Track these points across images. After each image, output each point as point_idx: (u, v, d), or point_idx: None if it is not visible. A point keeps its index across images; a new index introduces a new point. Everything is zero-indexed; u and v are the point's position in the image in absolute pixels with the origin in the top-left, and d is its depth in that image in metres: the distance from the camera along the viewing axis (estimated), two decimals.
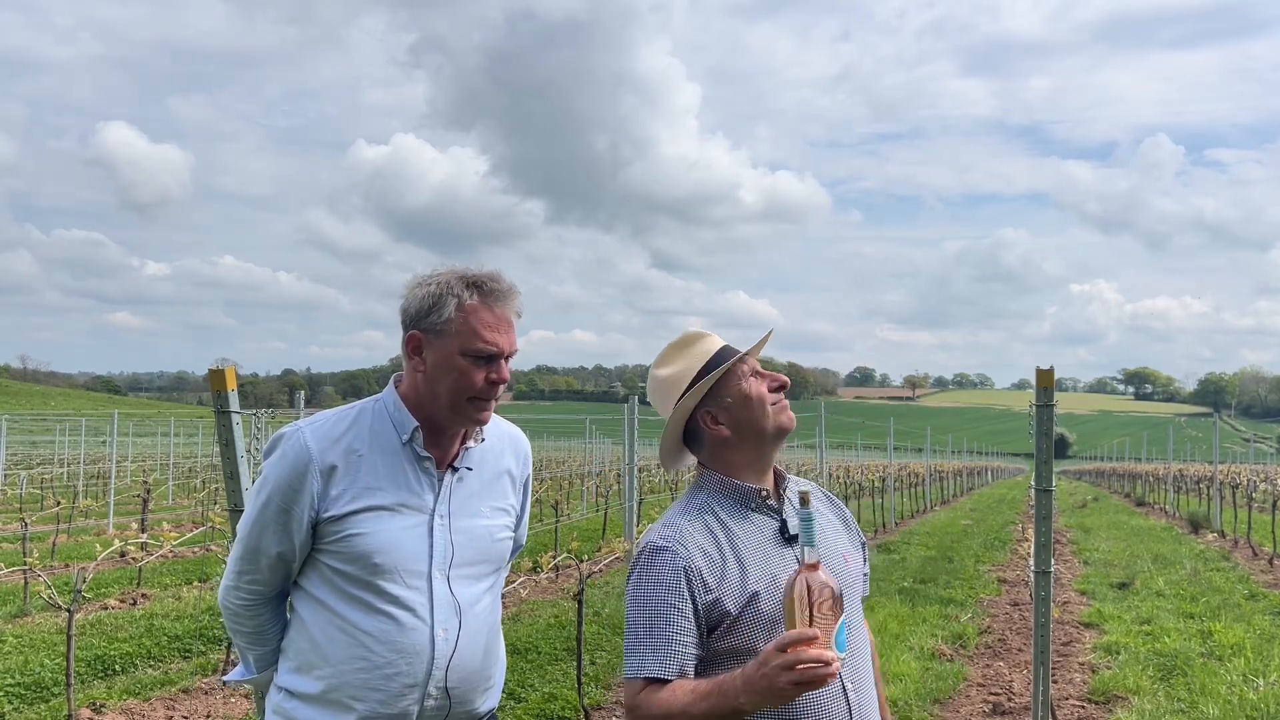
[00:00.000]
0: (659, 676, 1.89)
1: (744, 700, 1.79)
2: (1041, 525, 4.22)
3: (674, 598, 1.91)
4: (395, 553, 2.10)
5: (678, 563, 1.93)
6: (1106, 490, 40.16)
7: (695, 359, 2.08)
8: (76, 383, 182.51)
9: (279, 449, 2.15)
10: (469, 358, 2.11)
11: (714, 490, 2.05)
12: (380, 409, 2.21)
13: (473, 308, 2.11)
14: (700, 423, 2.05)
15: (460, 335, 2.10)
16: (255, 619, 2.23)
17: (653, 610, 1.92)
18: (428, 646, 2.11)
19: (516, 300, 2.17)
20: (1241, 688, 6.76)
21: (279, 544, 2.13)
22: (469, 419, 2.17)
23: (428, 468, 2.18)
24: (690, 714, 1.85)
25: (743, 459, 2.05)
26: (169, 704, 6.26)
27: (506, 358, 2.16)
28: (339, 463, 2.12)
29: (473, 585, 2.21)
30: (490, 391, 2.15)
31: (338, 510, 2.10)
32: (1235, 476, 23.88)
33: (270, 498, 2.12)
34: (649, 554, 1.96)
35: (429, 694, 2.13)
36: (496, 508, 2.29)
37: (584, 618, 6.02)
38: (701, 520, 2.00)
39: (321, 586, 2.15)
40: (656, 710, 1.88)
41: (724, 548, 1.97)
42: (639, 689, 1.91)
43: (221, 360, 3.22)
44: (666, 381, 2.09)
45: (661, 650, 1.90)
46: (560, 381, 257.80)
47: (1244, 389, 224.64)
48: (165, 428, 39.31)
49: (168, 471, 27.25)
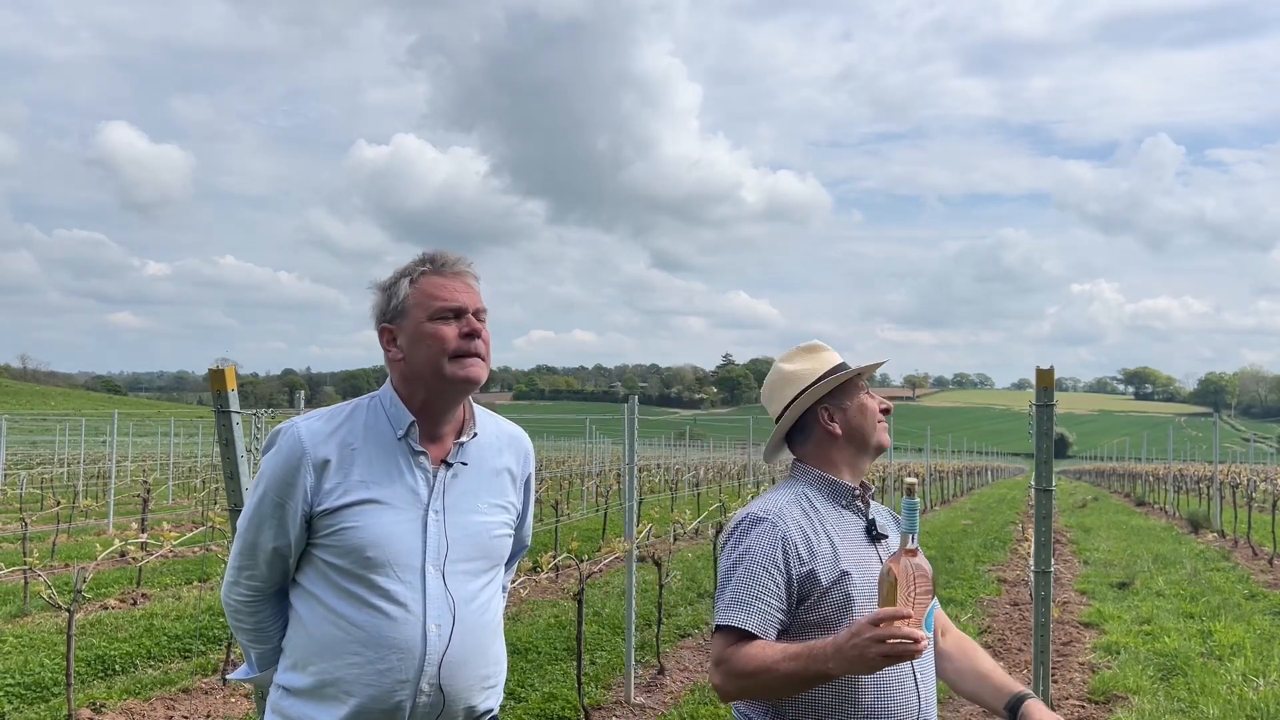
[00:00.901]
0: (749, 630, 2.03)
1: (832, 665, 1.93)
2: (1041, 525, 4.22)
3: (769, 564, 2.08)
4: (388, 546, 2.11)
5: (776, 532, 2.11)
6: (1106, 490, 40.19)
7: (821, 363, 2.29)
8: (76, 383, 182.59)
9: (275, 444, 2.17)
10: (435, 320, 2.16)
11: (810, 482, 2.26)
12: (376, 404, 2.23)
13: (425, 278, 2.19)
14: (818, 417, 2.26)
15: (419, 305, 2.17)
16: (255, 616, 2.24)
17: (749, 571, 2.08)
18: (419, 642, 2.11)
19: (468, 265, 2.24)
20: (1241, 688, 6.76)
21: (275, 539, 2.15)
22: (457, 379, 2.17)
23: (422, 462, 2.19)
24: (777, 671, 1.98)
25: (844, 459, 2.26)
26: (169, 704, 6.26)
27: (475, 314, 2.19)
28: (332, 457, 2.13)
29: (469, 581, 2.20)
30: (468, 345, 2.17)
31: (331, 504, 2.11)
32: (1235, 476, 23.89)
33: (266, 492, 2.14)
34: (749, 522, 2.14)
35: (421, 689, 2.12)
36: (494, 504, 2.29)
37: (584, 618, 6.02)
38: (797, 503, 2.19)
39: (316, 581, 2.16)
40: (746, 663, 2.02)
41: (818, 527, 2.16)
42: (730, 641, 2.05)
43: (221, 360, 3.23)
44: (792, 375, 2.30)
45: (753, 608, 2.05)
46: (560, 381, 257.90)
47: (1244, 389, 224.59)
48: (165, 428, 39.32)
49: (168, 471, 27.25)
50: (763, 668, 2.00)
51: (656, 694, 6.72)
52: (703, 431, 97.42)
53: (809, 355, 2.32)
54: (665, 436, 64.00)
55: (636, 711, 6.33)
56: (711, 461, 38.62)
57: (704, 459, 41.43)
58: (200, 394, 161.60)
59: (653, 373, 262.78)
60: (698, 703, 6.34)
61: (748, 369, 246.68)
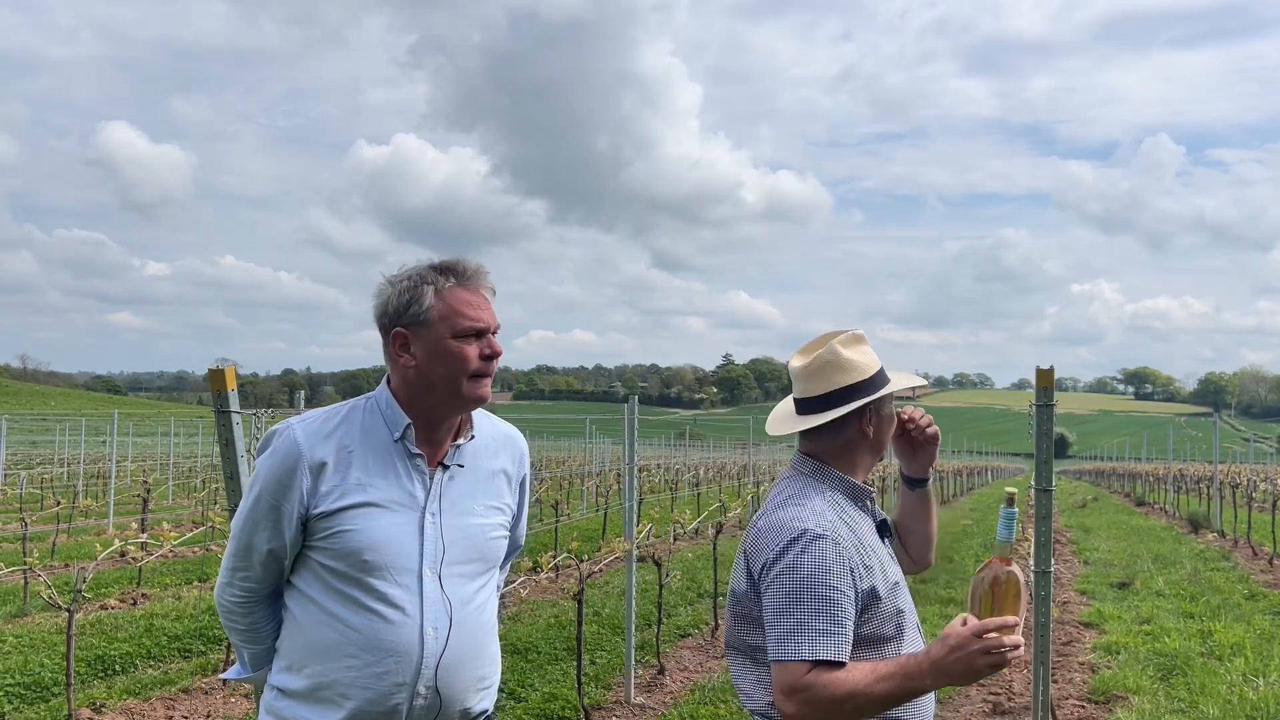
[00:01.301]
0: (837, 660, 1.96)
1: (929, 682, 1.92)
2: (1041, 525, 4.22)
3: (842, 584, 2.00)
4: (386, 550, 2.10)
5: (840, 551, 2.03)
6: (1106, 490, 40.18)
7: (871, 360, 2.23)
8: (76, 382, 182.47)
9: (270, 445, 2.15)
10: (460, 338, 2.14)
11: (834, 485, 2.20)
12: (372, 406, 2.21)
13: (450, 291, 2.15)
14: (859, 416, 2.19)
15: (445, 320, 2.13)
16: (249, 617, 2.23)
17: (823, 594, 1.98)
18: (417, 645, 2.11)
19: (488, 278, 2.22)
20: (1241, 688, 6.76)
21: (270, 540, 2.14)
22: (471, 399, 2.18)
23: (419, 465, 2.18)
24: (870, 694, 1.94)
25: (864, 464, 2.25)
26: (169, 704, 6.26)
27: (493, 332, 2.19)
28: (329, 459, 2.12)
29: (466, 584, 2.20)
30: (486, 367, 2.17)
31: (328, 506, 2.10)
32: (1235, 476, 23.88)
33: (261, 494, 2.13)
34: (810, 539, 2.03)
35: (418, 693, 2.12)
36: (490, 506, 2.29)
37: (584, 618, 6.02)
38: (834, 510, 2.13)
39: (312, 583, 2.15)
40: (836, 690, 1.94)
41: (858, 536, 2.12)
42: (805, 670, 1.96)
43: (221, 360, 3.23)
44: (852, 365, 2.19)
45: (835, 634, 1.97)
46: (560, 381, 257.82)
47: (1244, 389, 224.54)
48: (165, 428, 39.30)
49: (168, 471, 27.24)
50: (852, 693, 1.94)
51: (656, 694, 6.71)
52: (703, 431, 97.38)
53: (863, 348, 2.23)
54: (665, 436, 63.99)
55: (636, 711, 6.33)
56: (711, 461, 38.56)
57: (704, 459, 41.39)
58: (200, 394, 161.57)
59: (652, 373, 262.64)
60: (698, 703, 6.34)
61: (747, 369, 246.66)
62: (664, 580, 7.47)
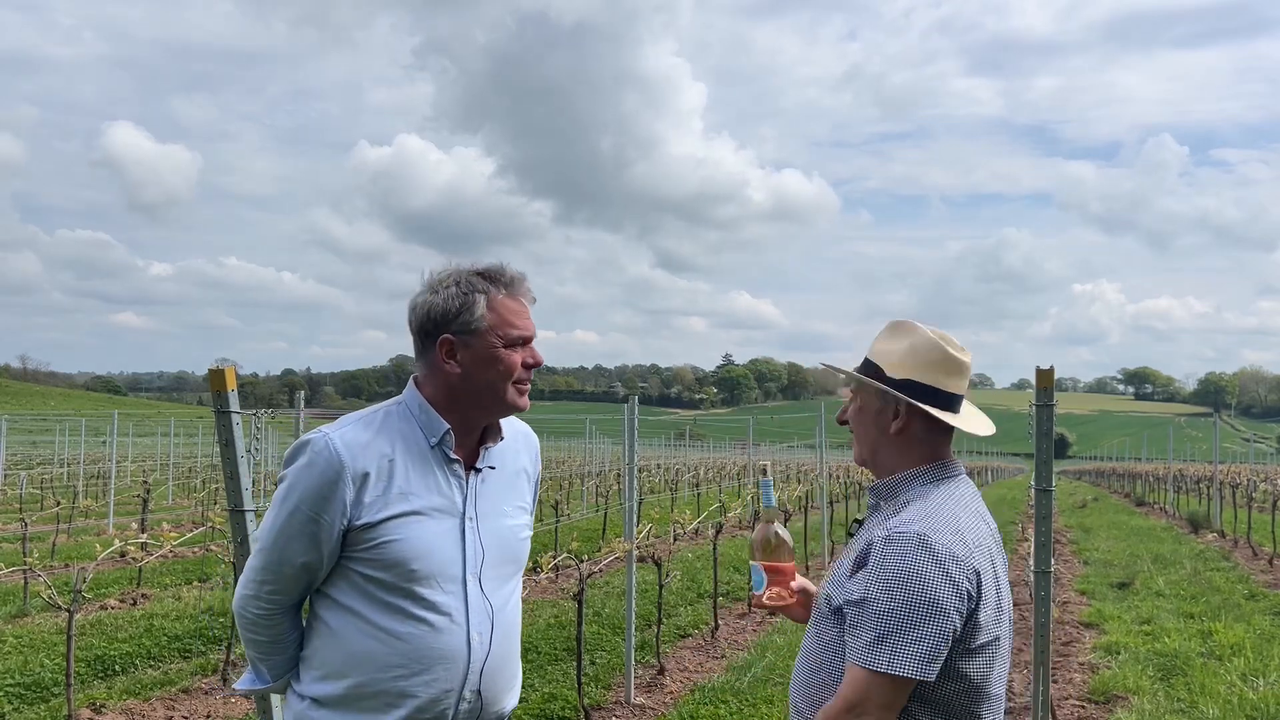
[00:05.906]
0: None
1: None
2: (1041, 525, 4.22)
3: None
4: (431, 558, 2.09)
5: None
6: (1106, 490, 40.16)
7: None
8: (76, 383, 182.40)
9: (305, 456, 2.08)
10: (509, 347, 2.16)
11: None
12: (404, 411, 2.18)
13: (501, 300, 2.16)
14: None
15: (494, 329, 2.14)
16: (274, 628, 2.18)
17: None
18: (464, 651, 2.11)
19: (529, 286, 2.25)
20: (1241, 688, 6.76)
21: (305, 553, 2.08)
22: (515, 406, 2.20)
23: (456, 470, 2.17)
24: None
25: None
26: (169, 704, 6.26)
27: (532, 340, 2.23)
28: (371, 469, 2.08)
29: (502, 586, 2.21)
30: (528, 375, 2.20)
31: (371, 518, 2.06)
32: (1235, 476, 23.89)
33: (299, 506, 2.06)
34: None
35: (463, 697, 2.13)
36: (518, 506, 2.30)
37: (584, 618, 6.02)
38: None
39: (351, 594, 2.11)
40: None
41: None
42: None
43: (222, 360, 3.24)
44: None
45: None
46: (560, 381, 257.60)
47: (1244, 389, 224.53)
48: (165, 428, 39.24)
49: (168, 471, 27.23)
50: None
51: (656, 694, 6.72)
52: (703, 432, 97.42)
53: None
54: (665, 437, 63.92)
55: (636, 711, 6.33)
56: (711, 462, 38.61)
57: (704, 459, 41.45)
58: (200, 394, 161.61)
59: (653, 373, 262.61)
60: (698, 703, 6.34)
61: (747, 369, 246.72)
62: (664, 580, 7.47)
